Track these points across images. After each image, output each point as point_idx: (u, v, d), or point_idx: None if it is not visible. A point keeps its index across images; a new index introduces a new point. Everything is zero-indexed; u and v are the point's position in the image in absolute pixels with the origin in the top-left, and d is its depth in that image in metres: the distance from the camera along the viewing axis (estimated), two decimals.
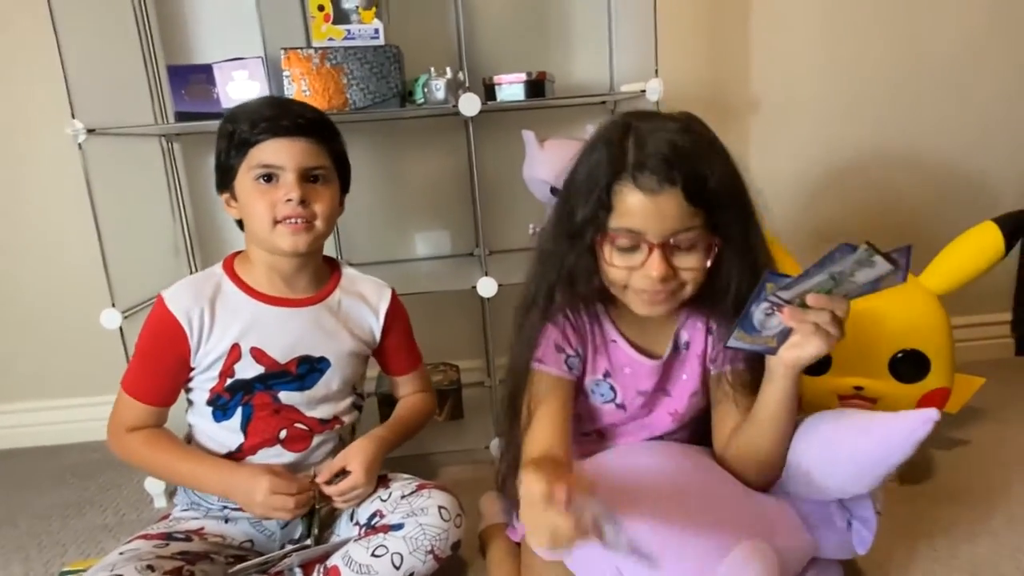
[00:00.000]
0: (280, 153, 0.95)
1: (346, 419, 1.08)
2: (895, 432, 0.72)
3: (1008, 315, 1.86)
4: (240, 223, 1.03)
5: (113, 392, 1.62)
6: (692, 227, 0.78)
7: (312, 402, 1.04)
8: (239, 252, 1.07)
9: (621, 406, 0.94)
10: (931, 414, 0.71)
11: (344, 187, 1.07)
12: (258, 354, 1.00)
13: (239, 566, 0.96)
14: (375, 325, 1.10)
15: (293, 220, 0.96)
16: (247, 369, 0.99)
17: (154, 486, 1.36)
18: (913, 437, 0.71)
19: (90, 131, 1.21)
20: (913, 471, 1.25)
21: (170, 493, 1.37)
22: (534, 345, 0.90)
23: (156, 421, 1.02)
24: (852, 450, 0.74)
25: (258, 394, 1.01)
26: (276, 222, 0.96)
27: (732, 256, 0.82)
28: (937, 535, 1.08)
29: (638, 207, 0.77)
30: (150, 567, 0.86)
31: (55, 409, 1.72)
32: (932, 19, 1.66)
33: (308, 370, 1.03)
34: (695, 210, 0.77)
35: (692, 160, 0.77)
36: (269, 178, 0.96)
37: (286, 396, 1.02)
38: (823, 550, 0.82)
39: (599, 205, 0.80)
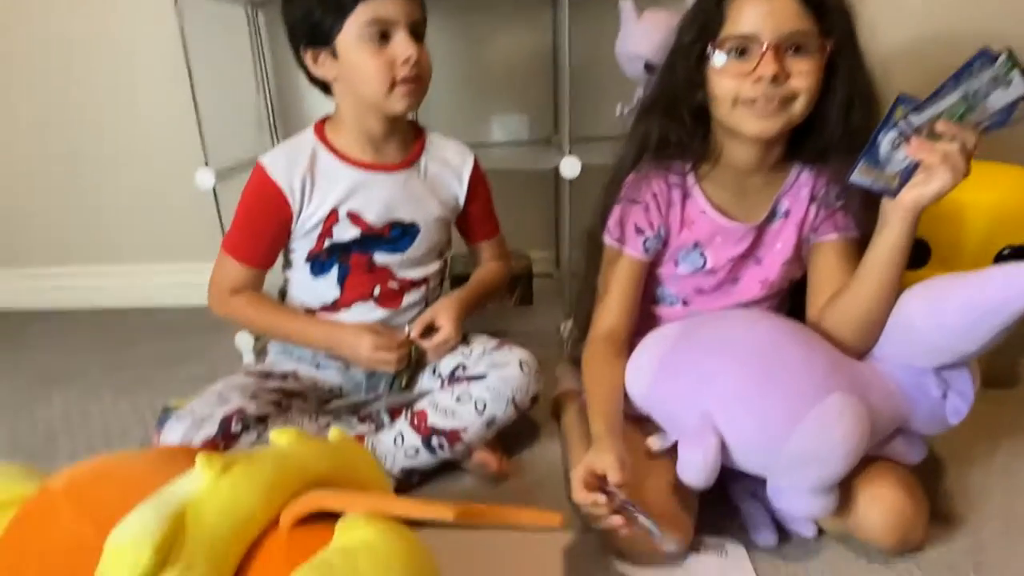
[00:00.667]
0: (394, 7, 0.90)
1: (432, 281, 1.11)
2: (1016, 277, 0.67)
3: None
4: (324, 87, 1.01)
5: (203, 259, 1.70)
6: (805, 30, 0.79)
7: (404, 264, 1.07)
8: (327, 117, 1.06)
9: (711, 271, 0.95)
10: None
11: None
12: (354, 218, 1.02)
13: (332, 404, 1.03)
14: (459, 190, 1.10)
15: (411, 81, 0.94)
16: (345, 232, 1.02)
17: (244, 342, 1.44)
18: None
19: None
20: (1001, 375, 1.22)
21: (258, 351, 1.46)
22: (612, 219, 0.94)
23: (255, 283, 1.05)
24: (967, 298, 0.70)
25: (354, 255, 1.04)
26: (394, 83, 0.93)
27: (843, 76, 0.81)
28: (1020, 436, 1.06)
29: (752, 9, 0.78)
30: (254, 395, 0.93)
31: (143, 273, 1.83)
32: None
33: (401, 234, 1.05)
34: (808, 13, 0.78)
35: None
36: (383, 36, 0.92)
37: (380, 257, 1.05)
38: (914, 419, 0.81)
39: (713, 20, 0.81)
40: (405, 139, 1.06)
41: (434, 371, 1.06)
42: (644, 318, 1.00)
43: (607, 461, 0.75)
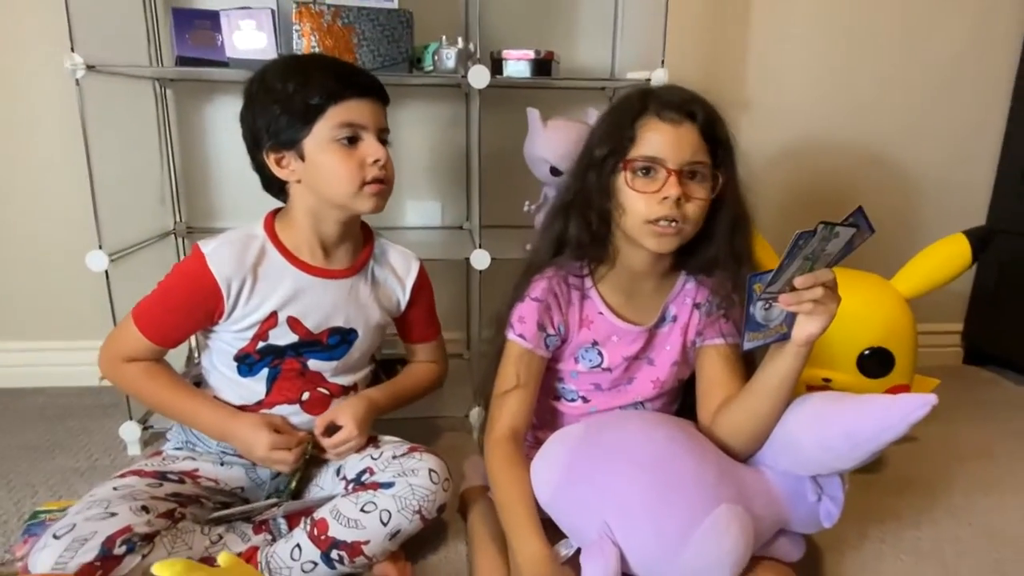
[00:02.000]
0: (365, 113, 0.94)
1: (361, 386, 1.11)
2: (893, 412, 0.76)
3: (959, 325, 1.98)
4: (279, 189, 1.00)
5: (89, 338, 1.61)
6: (703, 161, 0.90)
7: (337, 370, 1.06)
8: (277, 211, 1.04)
9: (607, 369, 1.01)
10: (930, 399, 0.75)
11: None
12: (294, 323, 1.00)
13: (221, 512, 0.97)
14: (402, 296, 1.11)
15: (379, 182, 0.96)
16: (282, 336, 1.00)
17: (129, 432, 1.35)
18: (910, 418, 0.75)
19: (89, 67, 1.18)
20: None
21: (144, 441, 1.37)
22: (516, 316, 0.98)
23: (155, 356, 1.01)
24: (847, 426, 0.79)
25: (288, 360, 1.02)
26: (363, 184, 0.95)
27: (728, 202, 0.93)
28: (887, 520, 1.17)
29: (660, 136, 0.89)
30: (144, 508, 0.86)
31: (25, 351, 1.68)
32: (918, 36, 1.74)
33: (339, 341, 1.04)
34: (706, 147, 0.90)
35: (707, 107, 0.91)
36: (352, 139, 0.94)
37: (314, 364, 1.03)
38: (793, 522, 0.88)
39: (624, 136, 0.91)
40: (356, 244, 1.07)
41: (338, 472, 1.04)
42: (546, 413, 1.06)
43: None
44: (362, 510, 0.93)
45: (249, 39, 1.27)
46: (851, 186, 1.82)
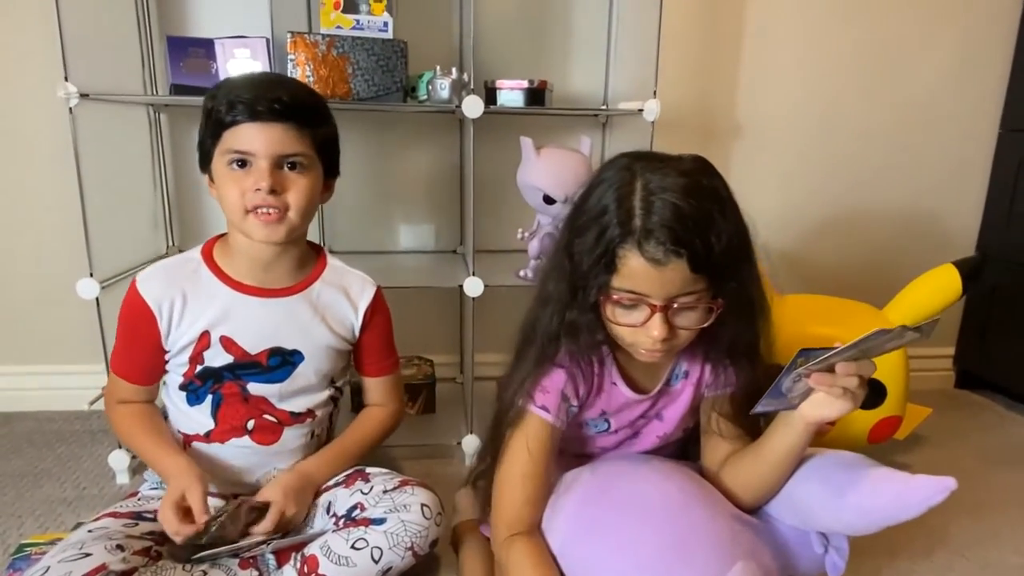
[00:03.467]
0: (253, 139, 0.91)
1: (319, 413, 1.07)
2: (913, 496, 0.74)
3: (951, 349, 1.98)
4: None
5: (79, 362, 1.60)
6: (694, 291, 0.78)
7: (284, 395, 1.03)
8: (222, 235, 1.05)
9: (614, 432, 0.98)
10: (948, 483, 0.73)
11: (331, 172, 1.03)
12: (228, 343, 0.99)
13: (207, 553, 0.95)
14: (354, 321, 1.08)
15: (265, 210, 0.93)
16: (216, 357, 0.99)
17: (118, 461, 1.33)
18: (928, 502, 0.73)
19: (83, 95, 1.18)
20: None
21: (133, 470, 1.35)
22: (537, 386, 0.89)
23: (146, 397, 1.04)
24: (863, 503, 0.77)
25: (227, 383, 1.01)
26: (247, 211, 0.93)
27: (731, 311, 0.82)
28: (882, 554, 1.16)
29: (642, 274, 0.76)
30: (119, 547, 0.85)
31: (14, 375, 1.67)
32: (906, 64, 1.76)
33: (280, 363, 1.02)
34: (698, 276, 0.77)
35: (699, 229, 0.75)
36: (243, 163, 0.92)
37: (255, 387, 1.01)
38: (798, 569, 0.87)
39: (603, 267, 0.79)
40: (301, 262, 1.05)
41: (328, 509, 1.02)
42: None
43: None
44: (353, 547, 0.92)
45: (243, 67, 1.27)
46: (840, 213, 1.83)
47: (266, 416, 1.03)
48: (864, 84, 1.75)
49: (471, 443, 1.41)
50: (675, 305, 0.78)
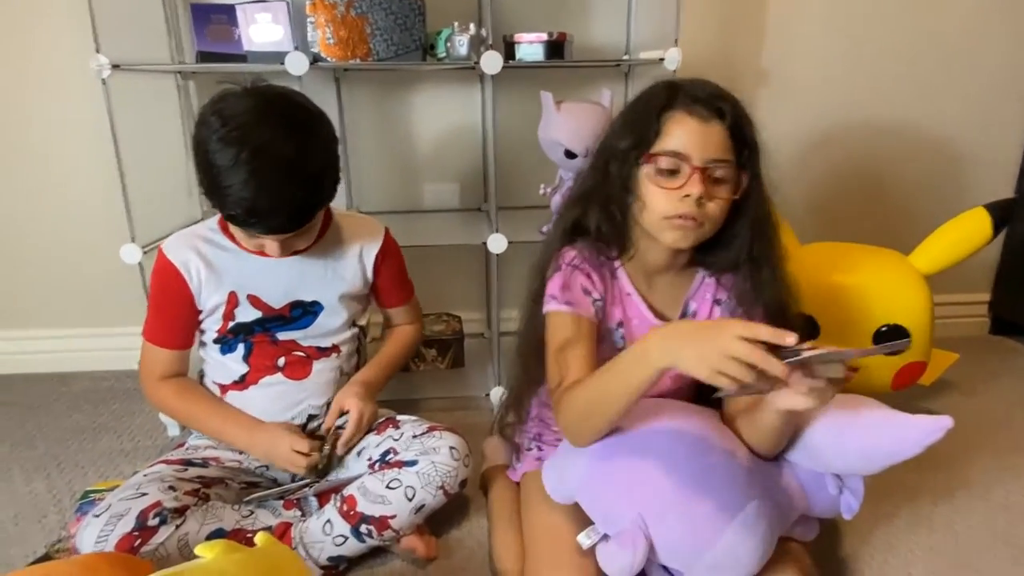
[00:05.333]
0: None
1: (344, 348, 1.14)
2: (909, 435, 0.77)
3: (986, 295, 1.95)
4: None
5: (127, 324, 1.68)
6: (728, 160, 0.87)
7: (308, 337, 1.10)
8: None
9: None
10: (945, 422, 0.75)
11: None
12: (254, 300, 1.06)
13: (254, 495, 1.03)
14: (367, 267, 1.14)
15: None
16: (246, 313, 1.06)
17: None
18: (924, 441, 0.76)
19: (114, 67, 1.22)
20: None
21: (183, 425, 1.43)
22: (558, 286, 0.93)
23: (180, 365, 1.10)
24: (863, 444, 0.80)
25: (257, 335, 1.08)
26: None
27: (751, 203, 0.91)
28: (902, 496, 1.18)
29: (687, 131, 0.86)
30: (171, 487, 0.93)
31: (68, 338, 1.77)
32: (939, 2, 1.68)
33: (302, 313, 1.09)
34: (733, 146, 0.87)
35: (734, 105, 0.88)
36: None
37: (283, 335, 1.09)
38: (813, 510, 0.90)
39: (649, 129, 0.88)
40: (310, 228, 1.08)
41: (360, 454, 1.08)
42: None
43: (744, 326, 0.68)
44: (388, 487, 0.98)
45: (265, 32, 1.29)
46: (872, 159, 1.79)
47: (295, 353, 1.09)
48: (897, 23, 1.68)
49: (498, 394, 1.46)
50: (710, 169, 0.86)
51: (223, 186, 0.89)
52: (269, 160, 0.89)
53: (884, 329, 1.24)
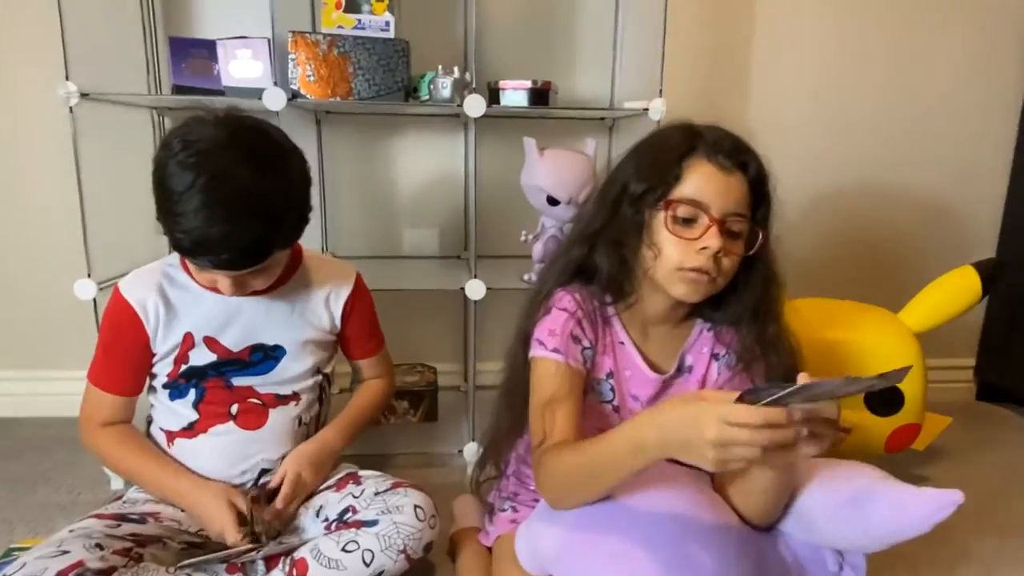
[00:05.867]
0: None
1: (305, 397, 1.06)
2: (916, 512, 0.70)
3: (972, 360, 1.92)
4: None
5: (78, 367, 1.58)
6: (745, 215, 0.84)
7: (267, 384, 1.03)
8: None
9: (616, 409, 0.93)
10: (955, 497, 0.70)
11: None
12: (211, 343, 0.99)
13: (194, 560, 0.92)
14: (335, 312, 1.08)
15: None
16: (200, 356, 0.99)
17: None
18: (933, 519, 0.70)
19: (83, 95, 1.18)
20: None
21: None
22: (545, 331, 0.88)
23: (126, 412, 1.02)
24: (868, 520, 0.73)
25: (211, 379, 1.01)
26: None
27: (761, 260, 0.87)
28: (900, 571, 1.11)
29: (709, 180, 0.83)
30: (99, 545, 0.83)
31: (15, 380, 1.66)
32: (918, 63, 1.72)
33: (262, 358, 1.02)
34: (750, 201, 0.85)
35: (754, 157, 0.86)
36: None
37: (238, 380, 1.01)
38: None
39: (669, 174, 0.84)
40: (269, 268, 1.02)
41: (318, 514, 0.99)
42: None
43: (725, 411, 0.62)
44: (344, 549, 0.89)
45: (245, 68, 1.27)
46: (855, 216, 1.79)
47: (250, 400, 1.02)
48: (878, 82, 1.72)
49: (472, 450, 1.37)
50: (727, 222, 0.83)
51: (174, 212, 0.83)
52: (225, 190, 0.83)
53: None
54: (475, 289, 1.30)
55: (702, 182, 0.82)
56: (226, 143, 0.85)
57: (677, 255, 0.83)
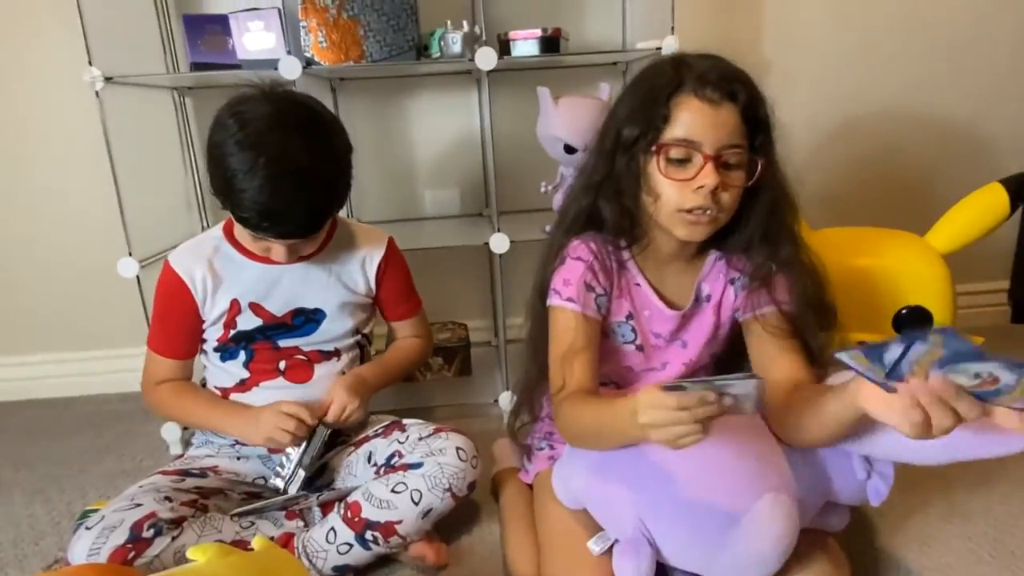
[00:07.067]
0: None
1: (346, 354, 1.11)
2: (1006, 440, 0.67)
3: (1005, 283, 1.89)
4: None
5: (128, 345, 1.67)
6: (741, 145, 0.82)
7: (311, 343, 1.08)
8: None
9: (640, 348, 0.95)
10: None
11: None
12: (256, 308, 1.05)
13: (254, 505, 0.98)
14: (370, 276, 1.12)
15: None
16: (247, 321, 1.05)
17: (170, 433, 1.39)
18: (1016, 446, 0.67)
19: (107, 79, 1.21)
20: None
21: (185, 441, 1.40)
22: (560, 281, 0.90)
23: (183, 374, 1.09)
24: (899, 445, 0.73)
25: (259, 342, 1.06)
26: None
27: (766, 185, 0.85)
28: (931, 486, 1.12)
29: (698, 117, 0.80)
30: (167, 498, 0.91)
31: (71, 362, 1.75)
32: None
33: (304, 321, 1.07)
34: (745, 130, 0.82)
35: (745, 83, 0.82)
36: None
37: (284, 342, 1.07)
38: (839, 497, 0.84)
39: (657, 116, 0.82)
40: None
41: (369, 459, 1.05)
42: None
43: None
44: (393, 491, 0.94)
45: (259, 40, 1.28)
46: (879, 143, 1.75)
47: (296, 357, 1.07)
48: (898, 4, 1.66)
49: (507, 399, 1.42)
50: (723, 156, 0.81)
51: (238, 189, 0.89)
52: (285, 167, 0.89)
53: (904, 311, 1.19)
54: (499, 243, 1.32)
55: (691, 119, 0.81)
56: (280, 121, 0.91)
57: (675, 197, 0.83)
